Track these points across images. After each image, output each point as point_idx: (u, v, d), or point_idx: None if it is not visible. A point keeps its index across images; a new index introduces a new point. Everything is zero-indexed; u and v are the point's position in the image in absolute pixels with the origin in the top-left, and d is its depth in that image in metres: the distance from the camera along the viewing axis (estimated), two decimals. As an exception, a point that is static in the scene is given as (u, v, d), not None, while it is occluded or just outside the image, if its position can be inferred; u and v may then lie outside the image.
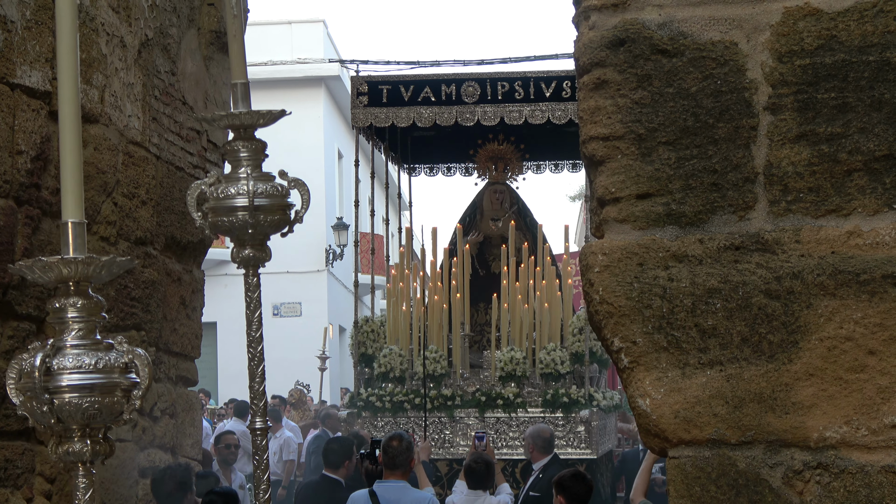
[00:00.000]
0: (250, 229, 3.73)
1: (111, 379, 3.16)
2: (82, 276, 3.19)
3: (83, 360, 3.14)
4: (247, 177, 3.71)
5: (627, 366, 3.75)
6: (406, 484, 8.62)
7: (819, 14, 3.68)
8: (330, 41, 34.08)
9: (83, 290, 3.22)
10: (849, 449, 3.59)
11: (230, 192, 3.71)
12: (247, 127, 3.77)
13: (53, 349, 3.14)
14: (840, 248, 3.62)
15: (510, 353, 14.10)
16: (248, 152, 3.77)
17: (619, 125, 3.79)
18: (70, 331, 3.19)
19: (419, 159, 17.82)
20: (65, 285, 3.20)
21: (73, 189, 3.22)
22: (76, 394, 3.12)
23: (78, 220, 3.21)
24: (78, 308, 3.20)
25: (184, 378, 9.16)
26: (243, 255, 3.82)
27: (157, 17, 8.20)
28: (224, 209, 3.72)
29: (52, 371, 3.11)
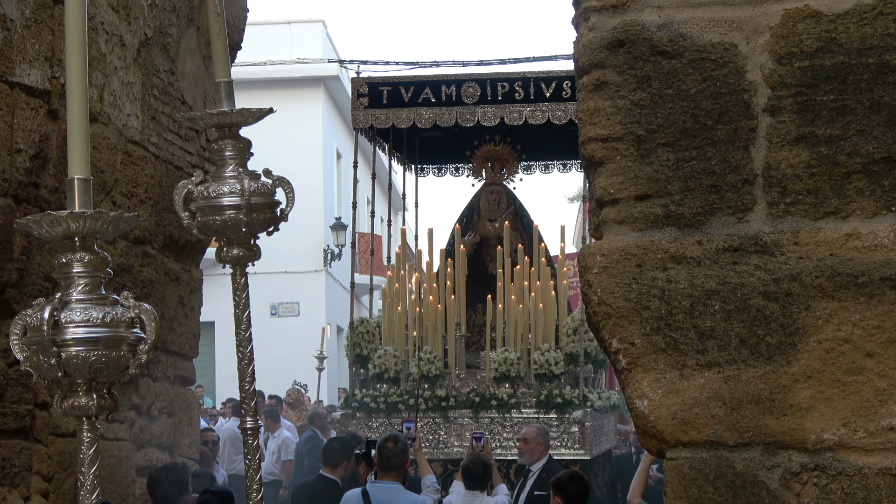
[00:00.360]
0: (244, 228, 3.72)
1: (117, 333, 3.17)
2: (89, 230, 3.18)
3: (90, 314, 3.14)
4: (238, 175, 3.71)
5: (625, 367, 3.75)
6: (399, 486, 8.62)
7: (818, 16, 3.69)
8: (329, 41, 34.08)
9: (89, 246, 3.21)
10: (846, 451, 3.59)
11: (220, 191, 3.70)
12: (233, 125, 3.76)
13: (60, 303, 3.14)
14: (838, 251, 3.62)
15: (504, 354, 14.10)
16: (235, 151, 3.76)
17: (619, 126, 3.79)
18: (76, 285, 3.18)
19: (426, 160, 17.85)
20: (71, 241, 3.19)
21: (80, 146, 3.24)
22: (82, 347, 3.12)
23: (84, 176, 3.22)
24: (84, 263, 3.19)
25: (181, 377, 9.16)
26: (232, 255, 3.81)
27: (156, 16, 8.20)
28: (213, 208, 3.71)
29: (59, 325, 3.11)
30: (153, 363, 8.44)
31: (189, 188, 3.76)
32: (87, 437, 3.22)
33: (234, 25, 9.38)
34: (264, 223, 3.80)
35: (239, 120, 3.74)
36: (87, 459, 3.20)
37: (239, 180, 3.71)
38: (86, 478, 3.19)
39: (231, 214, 3.71)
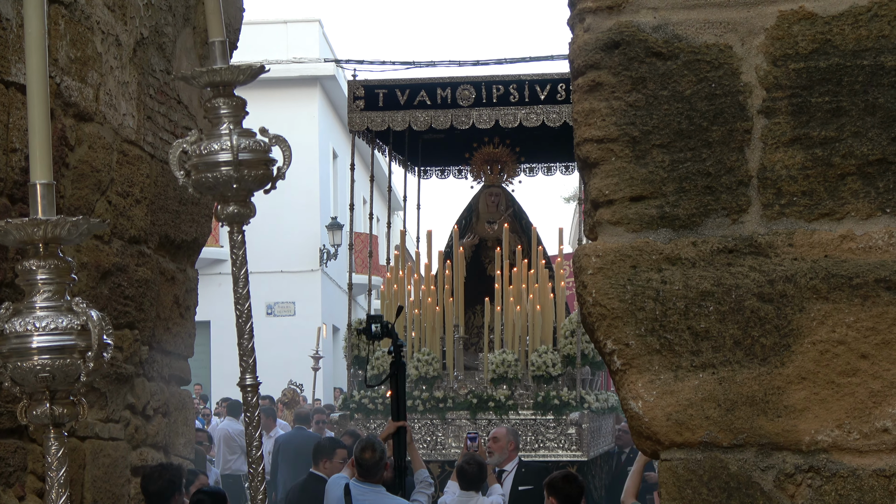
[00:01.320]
0: (234, 184, 3.69)
1: (82, 339, 3.10)
2: (51, 237, 3.09)
3: (59, 322, 3.08)
4: (229, 132, 3.69)
5: (620, 368, 3.76)
6: (382, 488, 8.60)
7: (814, 18, 3.69)
8: (325, 41, 34.07)
9: (53, 252, 3.13)
10: (840, 452, 3.60)
11: (213, 148, 3.67)
12: (226, 84, 3.73)
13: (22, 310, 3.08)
14: (833, 252, 3.63)
15: (502, 356, 14.10)
16: (229, 109, 3.75)
17: (614, 127, 3.79)
18: (40, 293, 3.12)
19: (429, 162, 17.88)
20: (34, 247, 3.11)
21: (41, 150, 3.15)
22: (46, 356, 3.06)
23: (46, 181, 3.13)
24: (48, 270, 3.12)
25: (177, 377, 9.15)
26: (228, 212, 3.78)
27: (152, 15, 8.20)
28: (207, 165, 3.69)
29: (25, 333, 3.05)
30: (148, 363, 8.43)
31: (184, 147, 3.74)
32: (55, 446, 3.17)
33: (231, 25, 9.37)
34: (258, 180, 3.75)
35: (231, 77, 3.72)
36: (55, 464, 3.16)
37: (229, 136, 3.70)
38: (53, 482, 3.14)
39: (224, 171, 3.68)
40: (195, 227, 9.14)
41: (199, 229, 9.24)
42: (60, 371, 3.10)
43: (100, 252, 7.39)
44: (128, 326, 7.99)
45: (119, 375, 7.85)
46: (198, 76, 3.74)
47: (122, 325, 7.88)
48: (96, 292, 7.43)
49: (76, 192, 7.04)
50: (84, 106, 7.12)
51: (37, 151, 3.16)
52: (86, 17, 7.14)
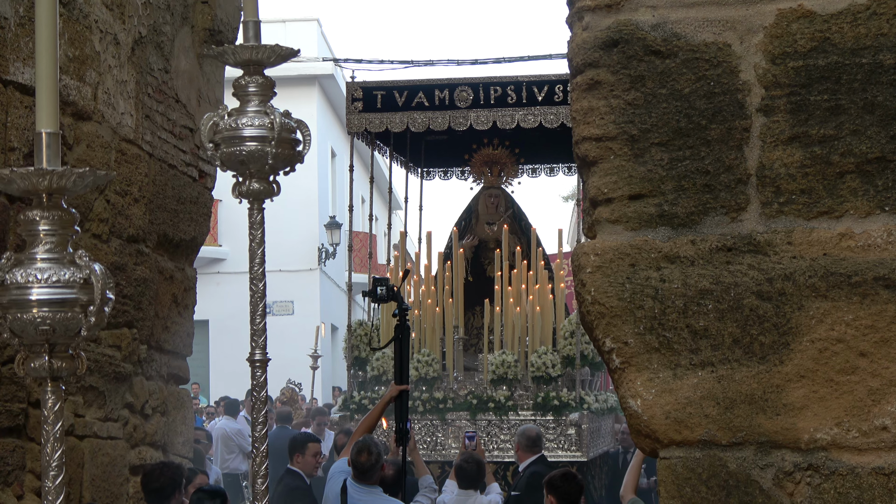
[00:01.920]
0: (270, 160, 3.72)
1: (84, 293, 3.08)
2: (56, 187, 3.07)
3: (62, 274, 3.05)
4: (268, 110, 3.72)
5: (619, 366, 3.76)
6: (378, 490, 8.59)
7: (812, 16, 3.69)
8: (324, 40, 34.07)
9: (56, 203, 3.11)
10: (839, 450, 3.60)
11: (254, 123, 3.71)
12: (256, 63, 3.76)
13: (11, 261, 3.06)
14: (832, 250, 3.63)
15: (502, 357, 14.10)
16: (257, 87, 3.77)
17: (612, 126, 3.79)
18: (42, 244, 3.10)
19: (432, 163, 17.90)
20: (38, 197, 3.09)
21: (48, 100, 3.13)
22: (46, 308, 3.03)
23: (52, 130, 3.12)
24: (50, 220, 3.10)
25: (175, 376, 9.15)
26: (253, 189, 3.79)
27: (150, 14, 8.19)
28: (240, 139, 3.70)
29: (26, 284, 3.03)
30: (147, 362, 8.43)
31: (215, 119, 3.75)
32: (51, 399, 3.14)
33: (229, 24, 9.37)
34: (286, 159, 3.79)
35: (265, 58, 3.76)
36: (51, 418, 3.13)
37: (269, 113, 3.73)
38: (49, 435, 3.12)
39: (256, 146, 3.71)
40: (194, 226, 9.14)
41: (198, 228, 9.24)
42: (61, 324, 3.07)
43: (98, 251, 7.38)
44: (126, 325, 7.99)
45: (117, 374, 7.85)
46: (229, 53, 3.76)
47: (120, 323, 7.88)
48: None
49: (74, 191, 7.03)
50: (82, 105, 7.12)
51: (43, 99, 3.13)
52: (84, 16, 7.14)
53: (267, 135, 3.71)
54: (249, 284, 3.90)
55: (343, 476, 8.57)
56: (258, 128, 3.71)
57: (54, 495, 3.12)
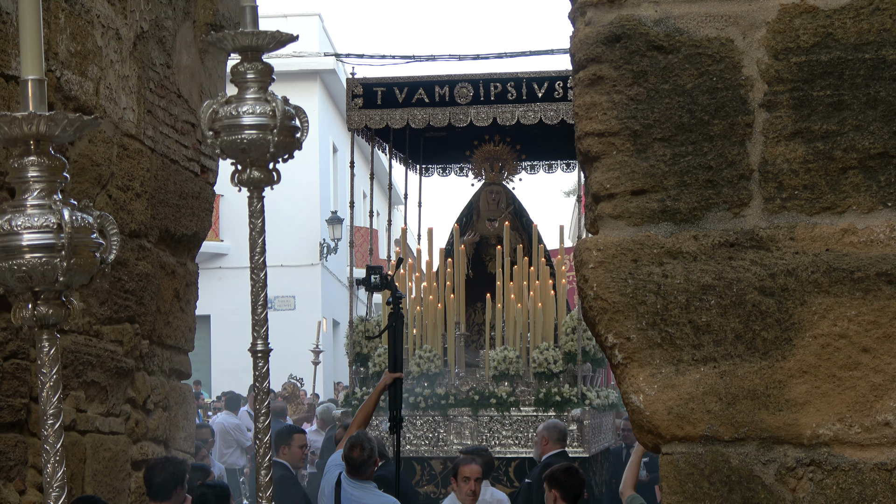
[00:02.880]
0: (271, 148, 3.68)
1: (80, 238, 3.07)
2: (43, 133, 3.04)
3: (49, 220, 3.03)
4: (269, 97, 3.67)
5: (621, 362, 3.75)
6: (372, 485, 8.60)
7: (815, 11, 3.68)
8: (325, 35, 34.05)
9: (44, 150, 3.09)
10: (842, 446, 3.60)
11: (256, 110, 3.65)
12: (254, 49, 3.72)
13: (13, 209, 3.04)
14: (834, 246, 3.62)
15: (504, 353, 14.11)
16: (256, 74, 3.73)
17: (615, 121, 3.79)
18: (32, 191, 3.07)
19: (431, 160, 17.91)
20: (25, 144, 3.06)
21: (32, 46, 3.09)
22: (38, 254, 3.02)
23: (37, 76, 3.07)
24: (39, 167, 3.08)
25: (177, 371, 9.16)
26: (253, 177, 3.75)
27: (152, 9, 8.19)
28: (238, 127, 3.65)
29: (12, 231, 3.02)
30: (148, 357, 8.43)
31: (214, 107, 3.71)
32: (46, 346, 3.13)
33: (231, 19, 9.37)
34: (286, 147, 3.75)
35: (265, 44, 3.72)
36: (47, 362, 3.12)
37: (270, 101, 3.68)
38: (47, 379, 3.11)
39: (257, 134, 3.66)
40: (195, 222, 9.14)
41: (200, 223, 9.25)
42: (36, 271, 3.05)
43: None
44: (128, 320, 7.99)
45: (119, 369, 7.85)
46: (228, 39, 3.72)
47: (122, 318, 7.88)
48: (97, 286, 7.43)
49: (76, 187, 7.04)
50: (84, 100, 7.12)
51: (27, 47, 3.09)
52: (86, 11, 7.14)
53: (268, 122, 3.65)
54: (250, 274, 3.87)
55: (339, 469, 8.58)
56: (259, 115, 3.64)
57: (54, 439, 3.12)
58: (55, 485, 3.13)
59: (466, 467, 9.22)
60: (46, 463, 3.13)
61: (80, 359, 7.28)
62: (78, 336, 7.28)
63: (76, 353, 7.21)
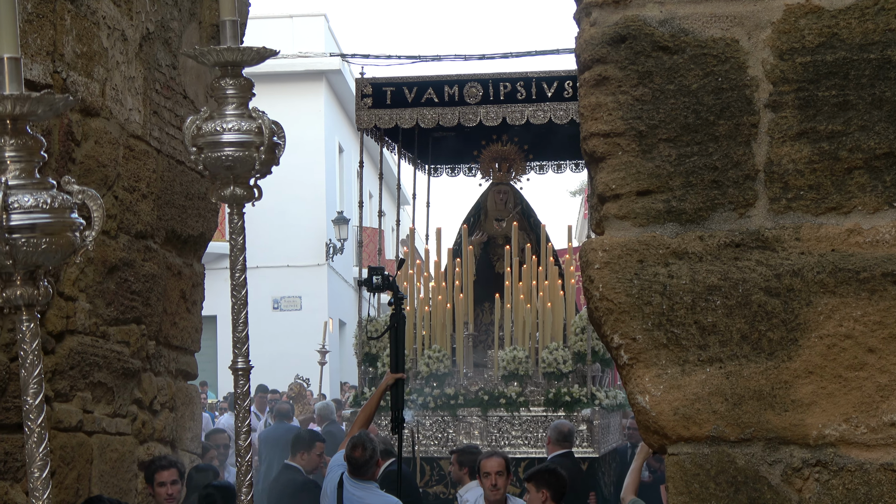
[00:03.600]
0: (258, 165, 3.66)
1: (57, 218, 3.05)
2: (19, 112, 3.02)
3: (22, 201, 3.01)
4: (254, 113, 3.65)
5: (627, 362, 3.75)
6: (374, 485, 8.60)
7: (820, 12, 3.68)
8: (331, 35, 34.05)
9: (21, 129, 3.06)
10: (848, 447, 3.59)
11: (241, 126, 3.62)
12: (234, 64, 3.69)
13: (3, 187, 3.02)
14: (840, 246, 3.62)
15: (513, 353, 14.11)
16: (236, 90, 3.70)
17: (620, 122, 3.79)
18: (8, 171, 3.05)
19: (440, 160, 17.91)
20: (2, 123, 3.04)
21: (7, 23, 3.06)
22: (17, 234, 3.00)
23: (13, 54, 3.04)
24: (15, 147, 3.06)
25: (184, 372, 9.16)
26: (236, 194, 3.73)
27: (158, 10, 8.20)
28: (221, 144, 3.63)
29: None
30: (155, 357, 8.44)
31: (197, 124, 3.68)
32: (29, 329, 3.13)
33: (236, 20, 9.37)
34: (269, 163, 3.73)
35: (239, 58, 3.69)
36: (30, 355, 3.11)
37: (256, 117, 3.66)
38: (30, 374, 3.10)
39: (241, 152, 3.63)
40: (202, 222, 9.15)
41: (206, 224, 9.25)
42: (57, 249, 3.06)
43: (106, 247, 7.40)
44: (134, 321, 8.00)
45: (126, 370, 7.86)
46: (206, 55, 3.70)
47: (128, 319, 7.89)
48: (103, 287, 7.44)
49: (83, 188, 7.04)
50: (90, 101, 7.12)
51: (2, 24, 3.06)
52: (92, 12, 7.14)
53: (254, 140, 3.64)
54: (231, 292, 3.83)
55: (341, 470, 8.59)
56: (244, 133, 3.63)
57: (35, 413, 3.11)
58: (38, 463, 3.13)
59: (486, 462, 9.23)
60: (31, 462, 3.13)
61: (87, 360, 7.29)
62: (84, 337, 7.28)
63: (83, 354, 7.22)
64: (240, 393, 3.80)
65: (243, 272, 3.83)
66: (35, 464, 3.13)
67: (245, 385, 3.79)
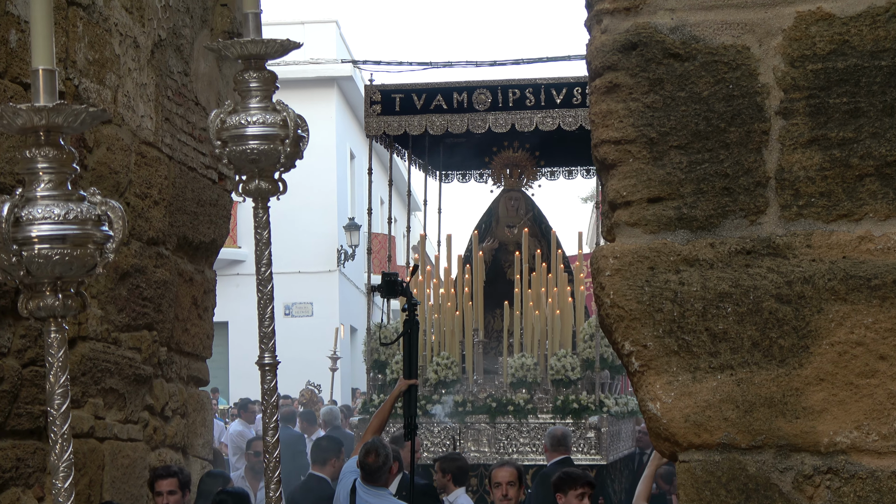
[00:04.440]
0: (283, 158, 3.67)
1: (84, 230, 3.07)
2: (52, 124, 3.04)
3: (53, 211, 3.03)
4: (279, 106, 3.65)
5: (638, 369, 3.75)
6: (386, 492, 8.60)
7: (831, 19, 3.68)
8: (342, 41, 34.12)
9: (54, 140, 3.08)
10: (859, 454, 3.59)
11: (266, 119, 3.63)
12: (257, 57, 3.69)
13: (23, 200, 3.04)
14: (851, 253, 3.62)
15: (521, 360, 14.10)
16: (259, 83, 3.71)
17: (631, 129, 3.79)
18: (40, 182, 3.07)
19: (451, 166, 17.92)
20: (35, 135, 3.06)
21: (43, 36, 3.08)
22: (46, 245, 3.01)
23: (48, 67, 3.06)
24: (49, 158, 3.08)
25: (195, 378, 9.18)
26: (260, 188, 3.74)
27: (170, 17, 8.22)
28: (246, 137, 3.63)
29: (22, 222, 3.01)
30: (166, 364, 8.45)
31: (222, 117, 3.69)
32: (56, 339, 3.14)
33: (248, 27, 9.38)
34: (294, 157, 3.74)
35: (265, 51, 3.69)
36: (57, 364, 3.12)
37: (280, 110, 3.67)
38: (56, 380, 3.11)
39: (268, 145, 3.65)
40: (213, 229, 9.16)
41: (217, 230, 9.27)
42: (78, 260, 3.08)
43: (118, 253, 7.41)
44: (146, 327, 8.02)
45: (137, 376, 7.87)
46: (230, 47, 3.70)
47: (140, 326, 7.91)
48: (115, 293, 7.45)
49: (95, 194, 7.05)
50: (102, 108, 7.14)
51: (39, 37, 3.09)
52: (104, 20, 7.16)
53: (279, 132, 3.64)
54: (257, 287, 3.85)
55: (353, 476, 8.58)
56: (269, 126, 3.64)
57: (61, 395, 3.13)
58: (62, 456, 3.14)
59: (498, 472, 9.23)
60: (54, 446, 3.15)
61: (99, 366, 7.30)
62: (96, 343, 7.30)
63: (94, 360, 7.23)
64: (267, 388, 3.80)
65: (269, 267, 3.85)
66: (59, 473, 3.14)
67: (272, 380, 3.80)
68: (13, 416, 6.31)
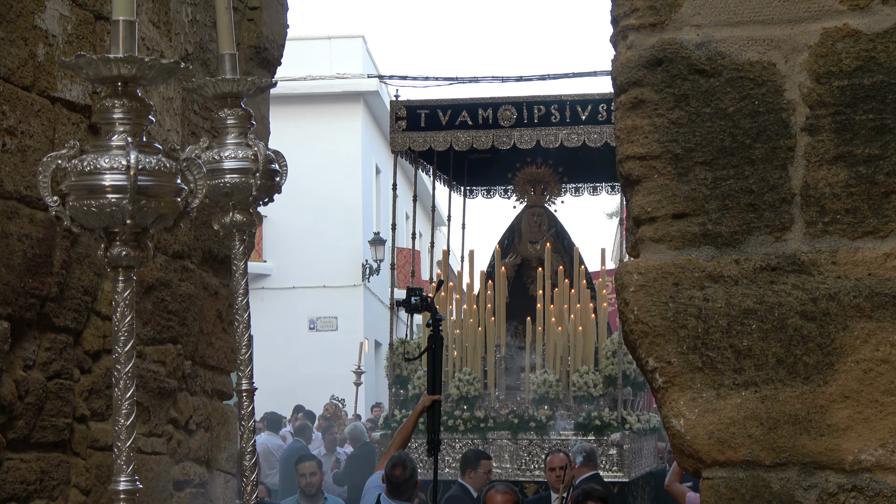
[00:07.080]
0: (254, 191, 3.79)
1: (158, 182, 3.09)
2: (131, 75, 3.07)
3: (120, 162, 3.06)
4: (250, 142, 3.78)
5: (662, 386, 3.75)
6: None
7: (858, 35, 3.67)
8: (369, 56, 34.17)
9: (131, 92, 3.12)
10: (884, 472, 3.57)
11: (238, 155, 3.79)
12: (234, 95, 3.86)
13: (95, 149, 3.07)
14: (877, 271, 3.60)
15: (543, 376, 14.08)
16: (236, 119, 3.82)
17: (656, 145, 3.79)
18: (116, 132, 3.10)
19: (476, 182, 17.95)
20: (113, 85, 3.10)
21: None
22: (114, 195, 3.04)
23: (128, 17, 3.09)
24: (126, 109, 3.11)
25: (219, 392, 9.18)
26: (236, 220, 3.85)
27: (196, 32, 8.25)
28: (219, 171, 3.78)
29: (95, 170, 3.05)
30: (191, 377, 8.46)
31: (196, 153, 3.77)
32: (123, 288, 3.19)
33: (275, 41, 9.42)
34: (267, 190, 3.85)
35: (238, 89, 3.81)
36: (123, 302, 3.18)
37: (252, 145, 3.79)
38: (121, 322, 3.15)
39: (238, 178, 3.76)
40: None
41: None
42: (153, 211, 3.12)
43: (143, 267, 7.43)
44: (171, 341, 8.03)
45: (162, 390, 7.89)
46: (203, 87, 3.82)
47: (165, 339, 7.92)
48: (140, 307, 7.47)
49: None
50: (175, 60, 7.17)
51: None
52: (131, 34, 7.19)
53: (250, 166, 3.77)
54: (234, 315, 3.96)
55: (378, 491, 8.57)
56: (241, 160, 3.80)
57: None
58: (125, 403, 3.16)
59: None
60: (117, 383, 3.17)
61: (123, 379, 7.31)
62: (121, 356, 7.31)
63: (119, 373, 7.25)
64: (244, 414, 3.88)
65: (245, 296, 3.94)
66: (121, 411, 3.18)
67: (249, 405, 3.89)
68: (38, 428, 6.33)
